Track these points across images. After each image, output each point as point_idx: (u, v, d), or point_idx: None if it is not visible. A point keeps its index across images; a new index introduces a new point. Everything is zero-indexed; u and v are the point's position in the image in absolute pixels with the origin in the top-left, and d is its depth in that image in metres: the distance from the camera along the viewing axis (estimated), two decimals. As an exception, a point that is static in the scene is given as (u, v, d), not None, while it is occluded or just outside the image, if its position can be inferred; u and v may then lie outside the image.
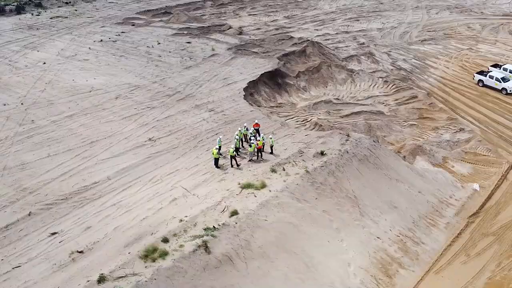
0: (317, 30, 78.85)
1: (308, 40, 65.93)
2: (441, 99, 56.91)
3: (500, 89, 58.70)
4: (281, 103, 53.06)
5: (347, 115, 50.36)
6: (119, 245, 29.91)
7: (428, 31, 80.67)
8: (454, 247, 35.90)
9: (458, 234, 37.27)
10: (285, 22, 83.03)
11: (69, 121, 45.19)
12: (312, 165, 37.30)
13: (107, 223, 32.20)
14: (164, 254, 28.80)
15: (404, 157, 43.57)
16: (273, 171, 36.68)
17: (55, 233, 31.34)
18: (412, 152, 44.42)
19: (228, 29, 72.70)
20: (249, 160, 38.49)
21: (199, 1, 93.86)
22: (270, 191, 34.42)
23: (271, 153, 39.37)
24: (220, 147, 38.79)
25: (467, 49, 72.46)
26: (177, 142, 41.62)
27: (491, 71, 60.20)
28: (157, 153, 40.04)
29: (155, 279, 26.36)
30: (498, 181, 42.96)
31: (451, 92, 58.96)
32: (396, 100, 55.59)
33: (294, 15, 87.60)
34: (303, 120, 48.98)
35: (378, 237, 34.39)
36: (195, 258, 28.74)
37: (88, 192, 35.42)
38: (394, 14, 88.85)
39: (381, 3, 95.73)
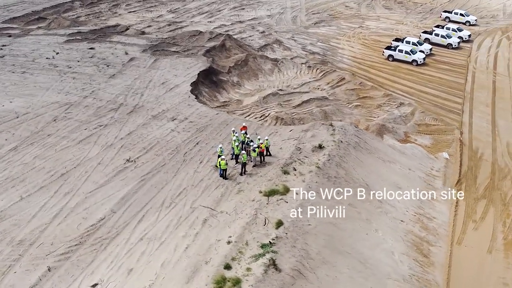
0: (210, 22, 77.44)
1: (223, 34, 64.40)
2: (364, 77, 59.46)
3: (410, 61, 62.96)
4: (225, 101, 51.56)
5: (299, 105, 50.57)
6: (180, 283, 27.22)
7: (313, 13, 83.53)
8: (459, 216, 37.96)
9: (456, 203, 39.44)
10: (172, 17, 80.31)
11: (17, 154, 39.37)
12: (319, 160, 36.95)
13: (148, 260, 28.96)
14: (237, 282, 26.80)
15: (374, 137, 44.95)
16: (286, 172, 35.75)
17: (95, 284, 27.48)
18: (378, 131, 46.02)
19: (125, 29, 68.28)
20: (254, 166, 36.93)
21: (66, 3, 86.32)
22: (297, 194, 33.43)
23: (268, 154, 38.17)
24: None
25: (358, 27, 76.47)
26: (161, 158, 38.50)
27: (398, 45, 64.05)
28: (147, 174, 36.71)
29: (241, 310, 24.28)
30: (459, 146, 46.22)
31: (369, 69, 61.99)
32: (328, 83, 57.01)
33: (177, 8, 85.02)
34: (261, 116, 48.19)
35: (402, 220, 35.33)
36: (270, 279, 27.16)
37: (100, 231, 31.42)
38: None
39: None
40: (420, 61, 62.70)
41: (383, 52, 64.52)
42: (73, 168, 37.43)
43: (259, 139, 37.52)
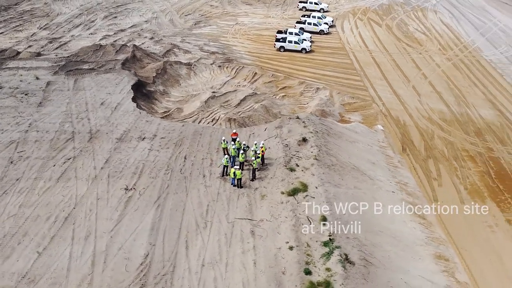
0: (92, 34, 70.57)
1: (127, 45, 59.24)
2: (272, 69, 59.42)
3: (300, 50, 64.38)
4: (165, 111, 47.89)
5: (238, 104, 48.96)
6: (273, 299, 25.07)
7: (185, 15, 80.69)
8: (421, 177, 40.28)
9: (413, 167, 41.78)
10: (47, 34, 71.37)
11: (-5, 207, 32.40)
12: (312, 152, 36.51)
13: (226, 285, 26.31)
14: (328, 285, 25.77)
15: (321, 122, 45.39)
16: (292, 170, 34.78)
17: (193, 324, 24.05)
18: (322, 116, 46.58)
19: (17, 54, 59.06)
20: (258, 170, 35.15)
21: None
22: (316, 187, 32.78)
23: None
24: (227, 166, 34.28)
25: (235, 24, 75.76)
26: (160, 181, 34.69)
27: (287, 37, 64.99)
28: (158, 199, 32.88)
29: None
30: (385, 118, 48.88)
31: (270, 61, 62.04)
32: (245, 80, 56.06)
33: (46, 24, 75.71)
34: (212, 120, 45.74)
35: (393, 191, 36.55)
36: (352, 274, 26.82)
37: (153, 267, 27.56)
38: (138, 5, 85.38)
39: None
40: (308, 49, 64.32)
41: (275, 44, 64.77)
42: (73, 209, 31.90)
43: (255, 144, 35.55)
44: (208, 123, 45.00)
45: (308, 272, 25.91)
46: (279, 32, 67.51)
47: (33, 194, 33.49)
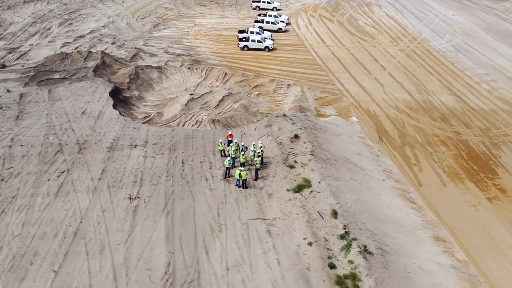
0: (51, 42, 67.02)
1: (92, 52, 56.66)
2: (240, 69, 58.84)
3: (263, 48, 64.10)
4: (145, 117, 46.35)
5: (218, 105, 48.08)
6: (305, 295, 24.90)
7: (142, 18, 78.30)
8: (402, 164, 41.25)
9: (393, 155, 42.67)
10: (4, 44, 67.08)
11: (-4, 229, 30.20)
12: (306, 148, 36.47)
13: (255, 286, 25.86)
14: (354, 277, 25.92)
15: (301, 118, 45.41)
16: (291, 167, 34.61)
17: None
18: (300, 111, 46.61)
19: (-24, 65, 55.14)
20: (259, 170, 34.71)
21: None
22: (319, 182, 32.82)
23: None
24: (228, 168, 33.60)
25: (194, 25, 74.37)
26: (163, 187, 33.51)
27: (249, 36, 64.50)
28: (166, 206, 31.75)
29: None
30: (356, 110, 49.59)
31: (237, 61, 61.40)
32: (217, 80, 55.15)
33: (0, 35, 71.11)
34: (196, 122, 44.70)
35: (383, 180, 37.20)
36: (373, 264, 26.98)
37: (178, 275, 26.67)
38: (91, 10, 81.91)
39: (66, 4, 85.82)
40: (271, 47, 64.09)
41: (238, 44, 64.05)
42: (80, 224, 30.18)
43: (253, 144, 35.04)
44: (192, 125, 43.84)
45: (332, 266, 25.80)
46: (241, 31, 66.80)
47: (33, 211, 31.40)
